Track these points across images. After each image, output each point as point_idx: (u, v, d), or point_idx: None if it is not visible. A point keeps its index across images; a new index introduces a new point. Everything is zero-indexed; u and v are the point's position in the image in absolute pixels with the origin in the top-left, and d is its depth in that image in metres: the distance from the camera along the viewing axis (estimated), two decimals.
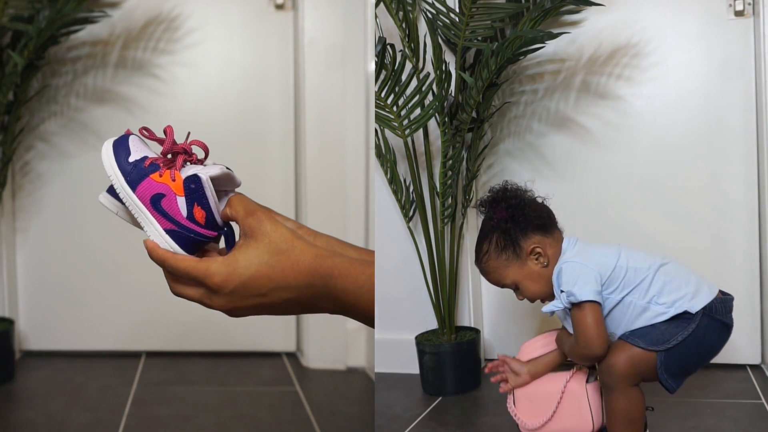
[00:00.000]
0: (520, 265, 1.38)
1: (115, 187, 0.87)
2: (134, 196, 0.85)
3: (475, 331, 2.08)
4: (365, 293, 0.79)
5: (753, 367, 2.03)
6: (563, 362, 1.44)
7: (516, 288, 1.42)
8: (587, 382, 1.39)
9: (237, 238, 0.87)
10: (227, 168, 0.87)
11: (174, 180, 0.84)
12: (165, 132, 0.89)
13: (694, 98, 2.02)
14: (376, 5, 1.91)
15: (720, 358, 2.01)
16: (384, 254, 2.15)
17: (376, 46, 1.83)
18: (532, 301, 1.42)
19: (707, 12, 1.98)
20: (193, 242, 0.86)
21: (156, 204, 0.85)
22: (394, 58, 1.83)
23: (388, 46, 1.83)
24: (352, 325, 2.27)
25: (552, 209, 1.44)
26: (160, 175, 0.85)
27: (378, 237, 2.17)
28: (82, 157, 2.32)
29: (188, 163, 0.87)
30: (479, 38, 1.89)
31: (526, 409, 1.43)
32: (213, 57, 2.33)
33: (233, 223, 0.89)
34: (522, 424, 1.43)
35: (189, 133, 0.91)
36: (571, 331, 1.36)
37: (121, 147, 0.88)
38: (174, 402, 2.00)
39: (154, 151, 0.89)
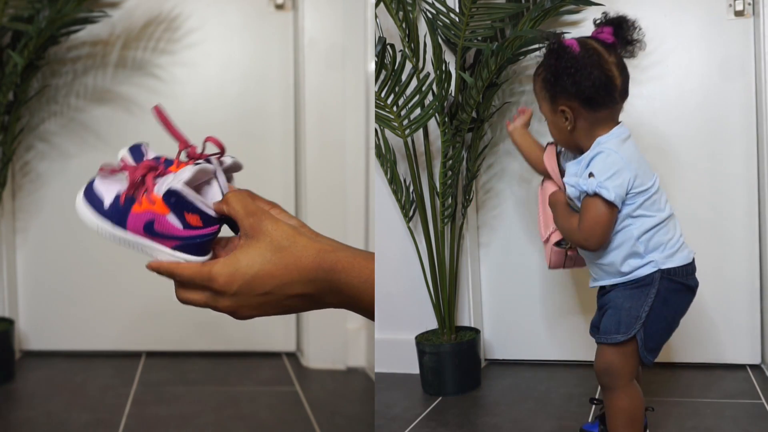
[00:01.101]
0: (551, 110, 1.37)
1: (107, 237, 0.86)
2: (129, 235, 0.85)
3: (475, 331, 2.08)
4: (369, 287, 0.79)
5: (753, 367, 2.03)
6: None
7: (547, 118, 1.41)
8: None
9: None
10: (199, 162, 0.86)
11: (153, 203, 0.83)
12: (120, 161, 0.87)
13: (694, 98, 2.02)
14: (376, 5, 1.91)
15: (720, 358, 2.04)
16: (384, 254, 2.15)
17: (376, 46, 1.83)
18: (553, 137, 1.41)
19: (707, 12, 1.98)
20: (201, 246, 0.86)
21: (150, 231, 0.84)
22: (394, 58, 1.83)
23: (388, 46, 1.83)
24: (352, 325, 2.27)
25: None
26: (140, 204, 0.84)
27: (378, 237, 2.17)
28: (82, 157, 2.32)
29: (158, 178, 0.86)
30: (479, 38, 1.89)
31: (543, 220, 1.48)
32: (213, 57, 2.33)
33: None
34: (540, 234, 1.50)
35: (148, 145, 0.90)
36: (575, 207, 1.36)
37: (92, 197, 0.87)
38: (174, 402, 2.00)
39: (123, 178, 0.88)
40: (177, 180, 0.83)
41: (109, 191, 0.87)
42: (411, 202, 2.02)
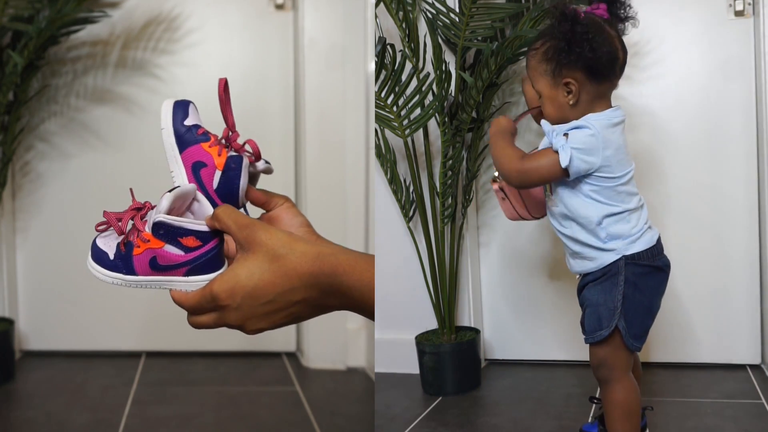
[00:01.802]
0: (552, 84, 1.34)
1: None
2: (142, 278, 0.88)
3: (475, 331, 2.08)
4: (371, 290, 0.79)
5: (753, 367, 2.03)
6: None
7: (539, 97, 1.38)
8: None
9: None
10: (176, 187, 0.90)
11: (148, 241, 0.86)
12: (105, 218, 0.94)
13: (694, 98, 2.02)
14: (376, 5, 1.91)
15: (720, 358, 2.04)
16: (384, 254, 2.15)
17: (376, 46, 1.83)
18: (541, 118, 1.39)
19: (707, 12, 1.98)
20: (211, 262, 0.88)
21: (157, 267, 0.87)
22: (394, 58, 1.83)
23: (388, 46, 1.83)
24: (352, 325, 2.27)
25: None
26: (138, 246, 0.87)
27: (378, 237, 2.17)
28: (82, 157, 2.32)
29: (145, 218, 0.90)
30: (479, 38, 1.89)
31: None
32: (213, 57, 2.33)
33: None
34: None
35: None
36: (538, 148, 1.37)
37: (98, 255, 0.91)
38: (174, 402, 2.00)
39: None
40: (157, 212, 0.86)
41: (109, 245, 0.91)
42: (411, 202, 2.02)
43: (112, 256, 0.90)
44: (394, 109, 1.88)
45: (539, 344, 2.20)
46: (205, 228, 0.87)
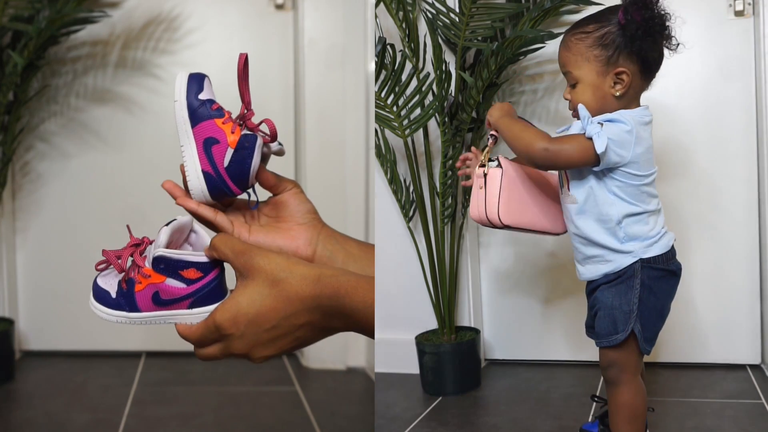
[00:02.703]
0: (600, 72, 1.28)
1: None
2: (146, 314, 0.88)
3: (475, 331, 2.08)
4: (372, 311, 0.78)
5: (753, 367, 2.03)
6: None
7: (573, 85, 1.33)
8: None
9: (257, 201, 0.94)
10: (171, 221, 0.89)
11: (149, 276, 0.86)
12: (104, 257, 0.93)
13: (694, 98, 2.02)
14: (376, 5, 1.91)
15: (720, 358, 2.04)
16: (384, 254, 2.15)
17: (376, 46, 1.83)
18: (572, 108, 1.33)
19: (707, 12, 1.98)
20: (213, 293, 0.87)
21: (159, 302, 0.87)
22: (394, 58, 1.83)
23: (388, 46, 1.83)
24: None
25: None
26: (140, 283, 0.87)
27: (378, 237, 2.17)
28: (82, 157, 2.32)
29: (144, 253, 0.89)
30: (479, 38, 1.89)
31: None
32: (213, 57, 2.33)
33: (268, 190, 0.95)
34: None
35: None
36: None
37: (100, 295, 0.91)
38: (174, 402, 2.00)
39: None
40: (155, 247, 0.85)
41: (110, 284, 0.91)
42: (411, 202, 2.02)
43: (114, 295, 0.89)
44: (394, 109, 1.88)
45: (539, 344, 2.20)
46: (204, 259, 0.86)
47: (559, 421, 1.74)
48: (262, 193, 1.01)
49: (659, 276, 1.32)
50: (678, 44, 1.34)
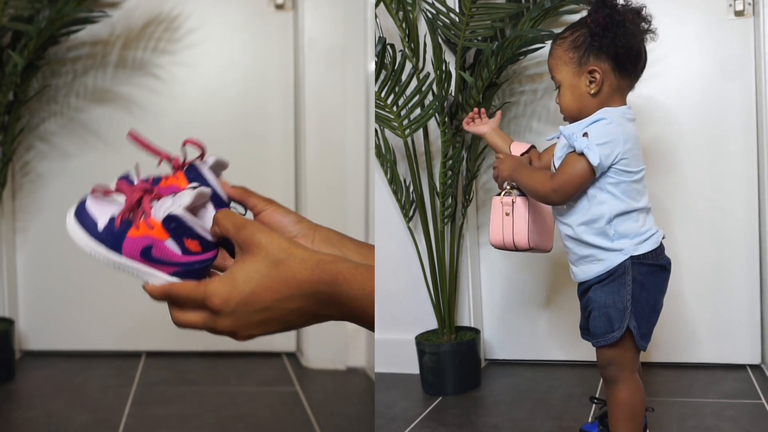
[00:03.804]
0: (575, 72, 1.35)
1: (101, 260, 0.83)
2: (124, 260, 0.83)
3: (475, 331, 2.08)
4: (371, 301, 0.77)
5: (753, 367, 2.03)
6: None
7: (557, 88, 1.39)
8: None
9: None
10: (196, 186, 0.84)
11: (152, 227, 0.81)
12: (117, 185, 0.86)
13: (694, 98, 2.02)
14: (376, 5, 1.91)
15: (720, 358, 2.04)
16: (384, 254, 2.15)
17: (376, 46, 1.83)
18: (562, 111, 1.40)
19: (707, 12, 1.98)
20: (199, 272, 0.84)
21: (148, 256, 0.82)
22: (394, 58, 1.83)
23: (388, 46, 1.83)
24: (352, 325, 2.26)
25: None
26: (138, 228, 0.82)
27: (378, 237, 2.17)
28: (82, 157, 2.32)
29: (155, 201, 0.84)
30: (479, 38, 1.89)
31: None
32: (213, 57, 2.33)
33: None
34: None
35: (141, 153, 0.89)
36: (555, 164, 1.37)
37: (84, 219, 0.84)
38: (174, 402, 2.00)
39: (117, 199, 0.86)
40: (177, 205, 0.80)
41: (102, 213, 0.84)
42: (411, 202, 2.02)
43: (101, 228, 0.83)
44: (394, 109, 1.88)
45: (539, 344, 2.20)
46: (209, 237, 0.83)
47: (559, 421, 1.74)
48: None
49: (650, 272, 1.34)
50: (654, 30, 1.37)
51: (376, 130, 1.99)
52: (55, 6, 1.96)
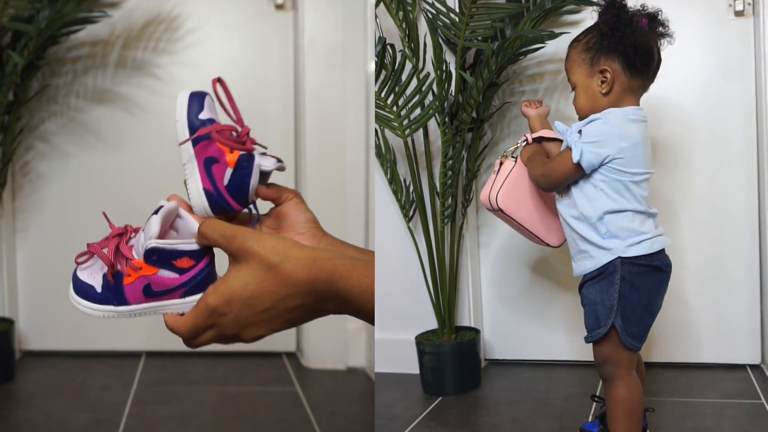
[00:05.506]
0: (588, 73, 1.39)
1: (117, 317, 0.87)
2: (135, 307, 0.86)
3: (475, 331, 2.08)
4: (369, 295, 0.78)
5: (753, 367, 2.03)
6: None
7: (573, 89, 1.43)
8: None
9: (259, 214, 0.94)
10: (159, 208, 0.87)
11: (139, 268, 0.84)
12: (88, 248, 0.90)
13: (694, 98, 2.02)
14: (376, 5, 1.91)
15: (720, 358, 2.04)
16: (384, 254, 2.15)
17: (376, 46, 1.83)
18: (577, 112, 1.43)
19: (707, 12, 1.98)
20: (206, 279, 0.86)
21: (151, 294, 0.85)
22: (394, 58, 1.83)
23: (388, 46, 1.83)
24: (352, 325, 2.27)
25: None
26: (129, 275, 0.85)
27: (378, 237, 2.17)
28: (82, 157, 2.32)
29: (130, 242, 0.87)
30: (479, 38, 1.89)
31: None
32: (213, 57, 2.33)
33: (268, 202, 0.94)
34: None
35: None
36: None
37: (82, 289, 0.87)
38: (174, 402, 2.00)
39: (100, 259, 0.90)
40: (148, 238, 0.83)
41: (93, 276, 0.87)
42: (411, 202, 2.02)
43: (99, 289, 0.86)
44: (394, 109, 1.88)
45: (539, 344, 2.20)
46: (197, 246, 0.84)
47: (559, 421, 1.75)
48: (264, 205, 1.01)
49: (642, 271, 1.34)
50: (670, 34, 1.44)
51: (376, 130, 1.99)
52: (55, 6, 1.96)
